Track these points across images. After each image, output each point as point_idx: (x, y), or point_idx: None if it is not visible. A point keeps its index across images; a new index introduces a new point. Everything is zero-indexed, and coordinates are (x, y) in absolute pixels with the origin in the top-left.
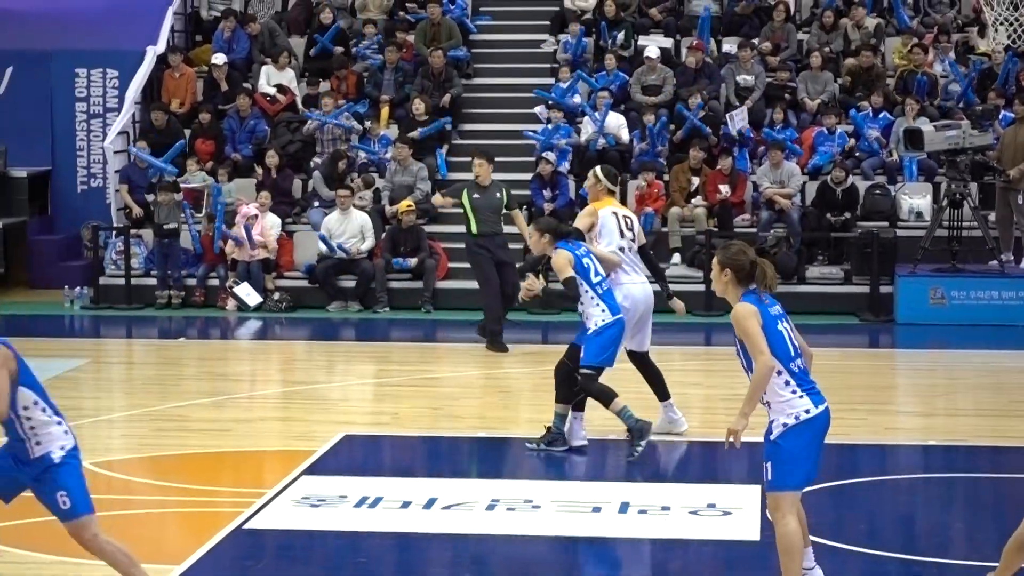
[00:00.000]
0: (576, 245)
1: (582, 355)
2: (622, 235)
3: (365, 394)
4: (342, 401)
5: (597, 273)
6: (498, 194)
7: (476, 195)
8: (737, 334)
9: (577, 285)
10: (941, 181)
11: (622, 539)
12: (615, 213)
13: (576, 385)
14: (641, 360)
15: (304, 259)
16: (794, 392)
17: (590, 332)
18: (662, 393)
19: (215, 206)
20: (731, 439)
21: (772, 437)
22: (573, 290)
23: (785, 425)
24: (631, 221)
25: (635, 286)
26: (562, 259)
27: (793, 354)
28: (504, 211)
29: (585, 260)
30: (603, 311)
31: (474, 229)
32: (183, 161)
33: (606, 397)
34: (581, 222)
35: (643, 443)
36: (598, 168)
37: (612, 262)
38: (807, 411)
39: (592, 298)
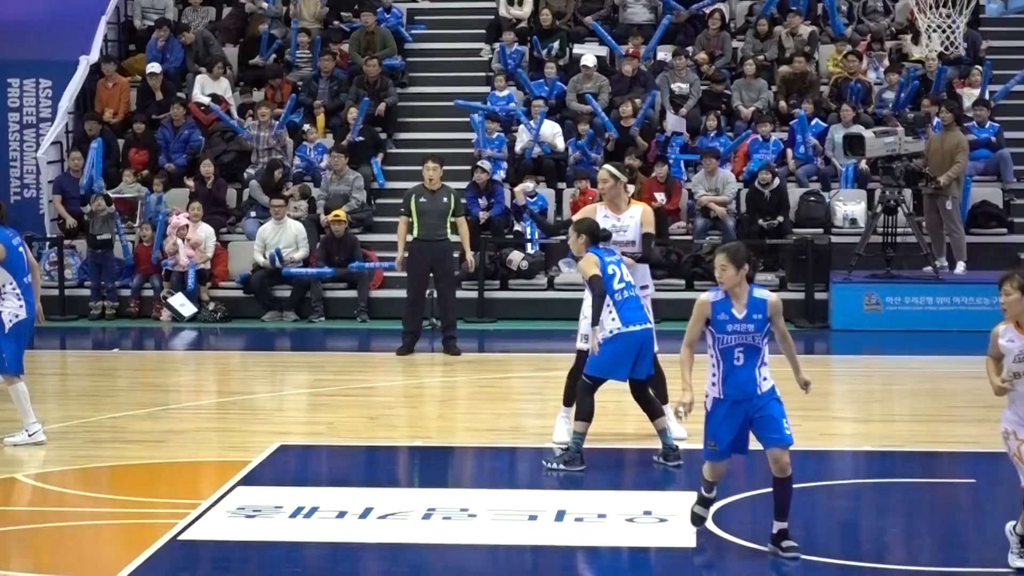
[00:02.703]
0: (609, 252)
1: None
2: None
3: (300, 404)
4: (277, 411)
5: (621, 280)
6: (445, 199)
7: (423, 199)
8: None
9: (601, 282)
10: (875, 188)
11: (558, 547)
12: None
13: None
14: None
15: (239, 269)
16: (610, 312)
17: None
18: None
19: (154, 217)
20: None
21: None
22: (597, 287)
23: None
24: None
25: None
26: (589, 262)
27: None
28: (451, 219)
29: (611, 267)
30: (613, 319)
31: (415, 232)
32: (117, 171)
33: (582, 412)
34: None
35: (563, 468)
36: (611, 166)
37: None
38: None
39: (608, 305)
